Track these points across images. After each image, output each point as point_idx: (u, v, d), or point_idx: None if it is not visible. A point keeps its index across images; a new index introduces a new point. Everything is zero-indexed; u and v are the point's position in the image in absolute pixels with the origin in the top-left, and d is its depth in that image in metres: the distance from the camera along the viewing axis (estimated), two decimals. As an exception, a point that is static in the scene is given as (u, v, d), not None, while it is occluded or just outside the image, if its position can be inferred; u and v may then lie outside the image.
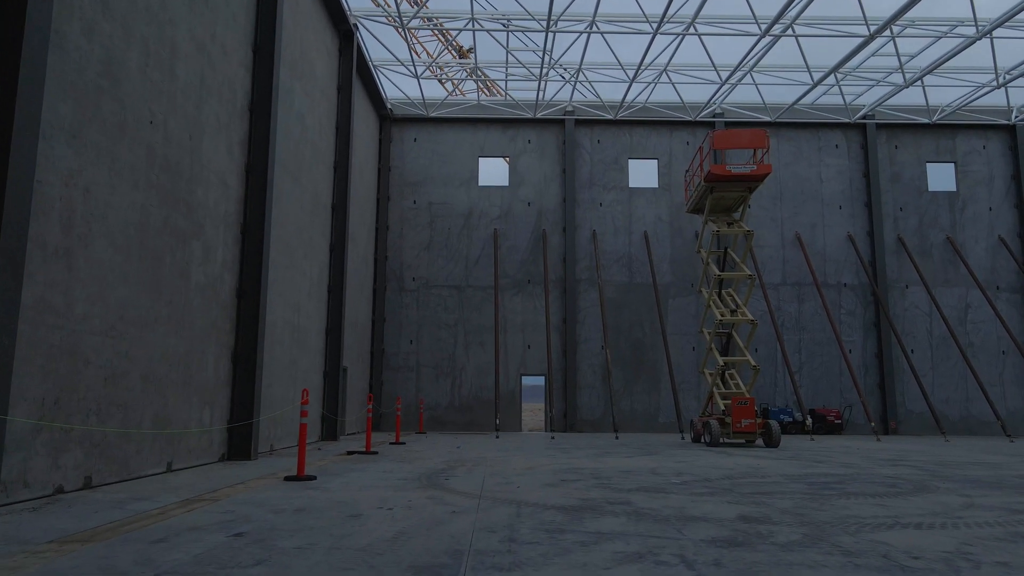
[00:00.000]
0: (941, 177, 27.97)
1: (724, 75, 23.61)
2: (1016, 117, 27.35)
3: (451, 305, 26.64)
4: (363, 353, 24.85)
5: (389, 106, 27.21)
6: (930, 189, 27.74)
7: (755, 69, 23.77)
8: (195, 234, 10.96)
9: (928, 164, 27.89)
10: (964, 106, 26.41)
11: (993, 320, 26.58)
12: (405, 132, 27.82)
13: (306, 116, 17.30)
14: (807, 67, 22.51)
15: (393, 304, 26.67)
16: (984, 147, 27.90)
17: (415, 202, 27.36)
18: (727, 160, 25.12)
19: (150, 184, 9.54)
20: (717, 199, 19.30)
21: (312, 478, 9.30)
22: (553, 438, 21.11)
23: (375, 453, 14.29)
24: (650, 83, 24.53)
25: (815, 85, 23.23)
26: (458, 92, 31.02)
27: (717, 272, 19.13)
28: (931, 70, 22.37)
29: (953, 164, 27.90)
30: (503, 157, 28.28)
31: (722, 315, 19.00)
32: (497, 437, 21.22)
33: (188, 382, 10.71)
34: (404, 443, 17.78)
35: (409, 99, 27.41)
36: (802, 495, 8.15)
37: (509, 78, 24.47)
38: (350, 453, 14.42)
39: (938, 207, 27.58)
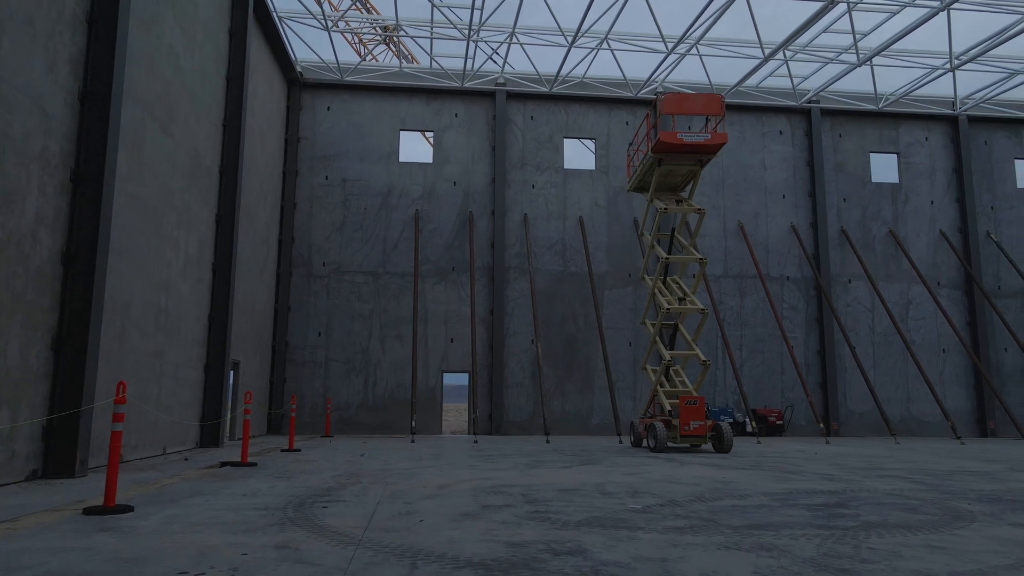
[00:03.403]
0: (884, 168, 26.93)
1: (670, 45, 21.66)
2: (960, 108, 26.54)
3: (366, 293, 23.77)
4: (262, 345, 21.72)
5: (299, 69, 24.12)
6: (873, 180, 26.65)
7: (702, 41, 21.93)
8: (-14, 170, 7.96)
9: (872, 154, 26.81)
10: (909, 93, 25.38)
11: (934, 317, 25.65)
12: (317, 99, 24.75)
13: (182, 56, 14.23)
14: (758, 39, 20.79)
15: (300, 291, 23.59)
16: (927, 138, 27.02)
17: (327, 178, 24.34)
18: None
19: None
20: (665, 174, 17.17)
21: (126, 510, 6.50)
22: (476, 442, 18.61)
23: (253, 465, 11.46)
24: (592, 50, 22.32)
25: (765, 60, 21.55)
26: (372, 59, 28.08)
27: (664, 256, 17.01)
28: (884, 48, 21.02)
29: (896, 155, 26.91)
30: (426, 131, 25.60)
31: (668, 304, 16.90)
32: (412, 441, 18.57)
33: (-32, 374, 7.71)
34: (299, 450, 14.93)
35: (323, 61, 24.39)
36: (815, 529, 5.91)
37: (434, 37, 21.79)
38: (223, 465, 11.56)
39: (881, 199, 26.50)
